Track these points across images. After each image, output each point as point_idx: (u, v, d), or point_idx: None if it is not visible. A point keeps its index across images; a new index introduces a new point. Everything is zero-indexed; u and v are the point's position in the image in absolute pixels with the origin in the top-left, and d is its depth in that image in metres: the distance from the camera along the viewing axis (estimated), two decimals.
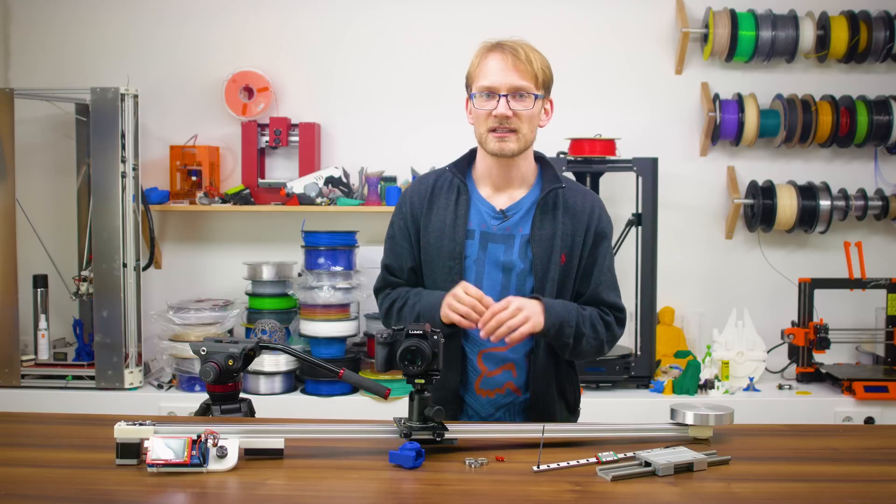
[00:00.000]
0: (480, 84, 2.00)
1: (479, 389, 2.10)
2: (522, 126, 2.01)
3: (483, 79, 2.00)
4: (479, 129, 2.05)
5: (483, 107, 2.01)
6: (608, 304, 2.13)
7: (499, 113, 1.99)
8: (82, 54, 3.93)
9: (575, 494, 1.56)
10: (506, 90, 1.98)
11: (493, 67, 2.00)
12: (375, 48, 3.93)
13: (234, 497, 1.57)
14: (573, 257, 2.08)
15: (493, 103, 1.99)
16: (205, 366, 2.00)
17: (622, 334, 2.17)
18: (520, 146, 2.03)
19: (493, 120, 2.00)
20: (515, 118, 2.00)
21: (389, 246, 2.19)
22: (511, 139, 2.01)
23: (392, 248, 2.18)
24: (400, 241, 2.16)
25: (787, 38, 3.74)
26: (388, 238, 2.20)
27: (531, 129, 2.04)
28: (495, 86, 1.99)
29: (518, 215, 2.08)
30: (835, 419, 3.37)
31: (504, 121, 1.99)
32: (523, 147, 2.04)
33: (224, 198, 3.77)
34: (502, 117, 1.99)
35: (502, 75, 1.98)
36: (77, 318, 3.71)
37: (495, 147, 2.02)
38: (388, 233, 2.20)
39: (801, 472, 1.72)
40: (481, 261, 2.06)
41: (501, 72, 1.98)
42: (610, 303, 2.13)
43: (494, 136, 2.01)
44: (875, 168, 3.91)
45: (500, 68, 1.99)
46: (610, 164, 3.54)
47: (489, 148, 2.03)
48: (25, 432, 2.07)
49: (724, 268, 3.94)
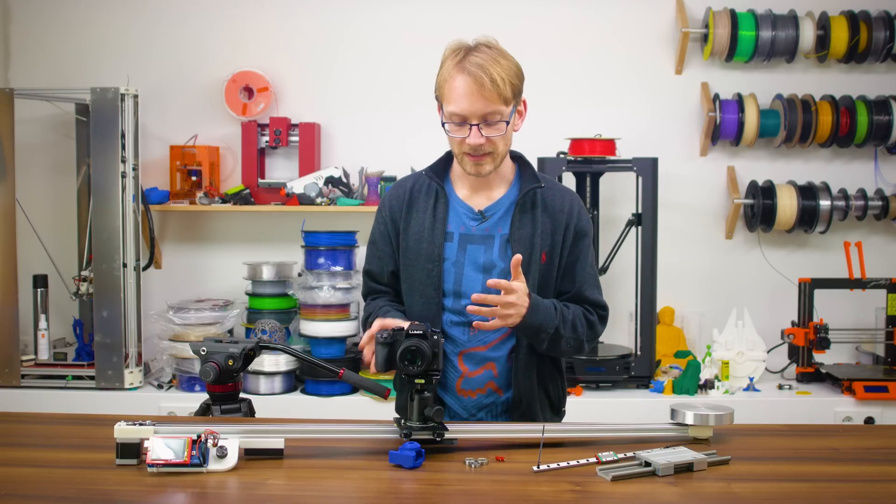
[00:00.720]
0: (450, 110, 1.96)
1: (461, 390, 2.09)
2: (497, 147, 2.00)
3: (452, 104, 1.96)
4: (454, 149, 2.05)
5: (455, 134, 1.99)
6: (592, 303, 2.12)
7: (472, 143, 1.97)
8: (82, 54, 3.93)
9: (575, 494, 1.56)
10: (476, 119, 1.95)
11: (460, 92, 1.93)
12: (375, 48, 3.93)
13: (234, 497, 1.57)
14: (554, 256, 2.08)
15: (465, 131, 1.97)
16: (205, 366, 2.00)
17: (603, 331, 2.18)
18: (496, 164, 2.03)
19: (468, 147, 1.99)
20: (489, 143, 1.98)
21: (371, 251, 2.20)
22: (486, 161, 2.01)
23: (373, 253, 2.19)
24: (381, 246, 2.17)
25: (787, 38, 3.74)
26: (369, 243, 2.21)
27: (506, 145, 2.04)
28: (465, 114, 1.95)
29: (497, 215, 2.09)
30: (835, 419, 3.37)
31: (477, 149, 1.99)
32: (500, 163, 2.04)
33: (224, 198, 3.77)
34: (476, 146, 1.98)
35: (470, 103, 1.93)
36: (77, 318, 3.71)
37: (472, 170, 2.03)
38: (369, 238, 2.22)
39: (801, 472, 1.72)
40: (460, 262, 2.06)
41: (469, 98, 1.93)
42: (593, 301, 2.12)
43: (470, 160, 2.01)
44: (875, 168, 3.91)
45: (467, 94, 1.92)
46: (610, 164, 3.54)
47: (466, 170, 2.04)
48: (25, 432, 2.07)
49: (724, 268, 3.94)
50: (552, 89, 3.82)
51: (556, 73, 3.87)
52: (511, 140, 2.05)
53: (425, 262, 2.07)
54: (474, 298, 1.91)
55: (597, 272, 2.17)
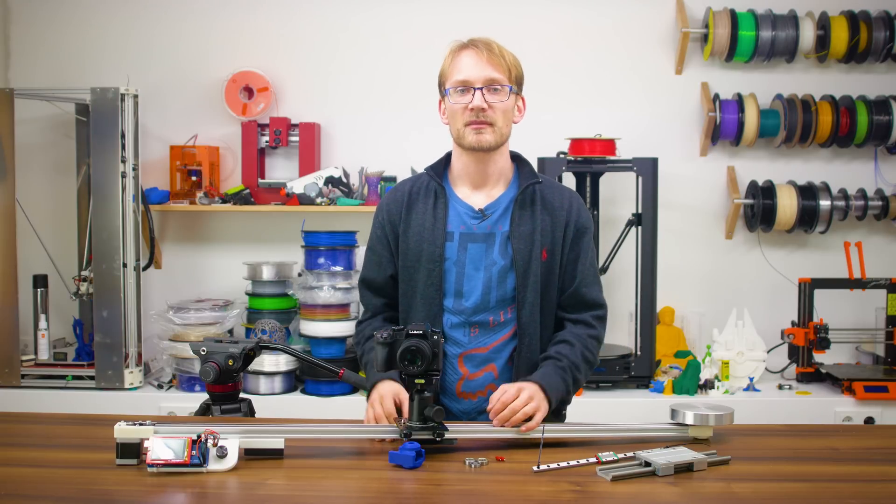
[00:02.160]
0: (455, 79, 2.02)
1: (462, 393, 2.09)
2: (498, 119, 2.03)
3: (457, 74, 2.02)
4: (455, 125, 2.06)
5: (458, 101, 2.02)
6: (590, 301, 2.12)
7: (475, 105, 2.00)
8: (82, 54, 3.93)
9: (575, 494, 1.56)
10: (480, 83, 2.00)
11: (466, 62, 2.02)
12: (375, 48, 3.93)
13: (234, 497, 1.58)
14: (554, 253, 2.08)
15: (469, 97, 2.01)
16: (205, 366, 2.01)
17: (605, 331, 2.18)
18: (496, 139, 2.04)
19: (470, 113, 2.01)
20: (491, 110, 2.01)
21: (369, 257, 2.20)
22: (487, 131, 2.03)
23: (371, 259, 2.19)
24: (379, 251, 2.16)
25: (787, 38, 3.74)
26: (367, 250, 2.21)
27: (506, 122, 2.06)
28: (470, 79, 2.00)
29: (497, 213, 2.09)
30: (835, 419, 3.37)
31: (480, 113, 2.01)
32: (500, 140, 2.05)
33: (224, 198, 3.77)
34: (478, 109, 2.00)
35: (476, 69, 2.01)
36: (77, 318, 3.71)
37: (473, 140, 2.03)
38: (367, 245, 2.22)
39: (801, 472, 1.72)
40: (461, 262, 2.06)
41: (475, 66, 2.01)
42: (592, 299, 2.13)
43: (471, 129, 2.03)
44: (875, 168, 3.91)
45: (474, 63, 2.01)
46: (610, 164, 3.54)
47: (466, 141, 2.04)
48: (25, 432, 2.07)
49: (724, 268, 3.94)
50: (552, 89, 3.82)
51: (556, 73, 3.87)
52: (510, 124, 2.08)
53: (426, 263, 2.07)
54: (497, 420, 1.87)
55: (597, 269, 2.18)
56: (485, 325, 2.06)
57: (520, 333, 2.06)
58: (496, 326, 2.07)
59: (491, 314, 2.06)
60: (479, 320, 2.06)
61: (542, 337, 2.09)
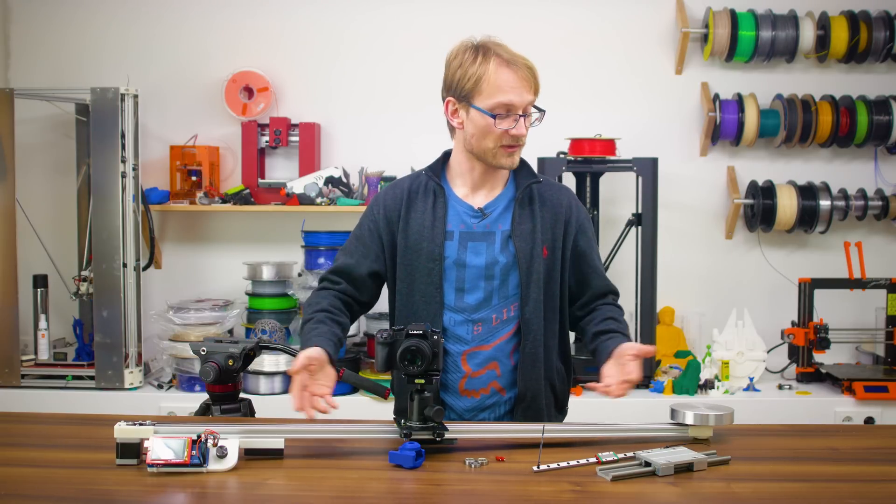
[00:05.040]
0: (498, 100, 1.96)
1: (464, 390, 2.09)
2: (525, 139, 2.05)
3: (500, 95, 1.96)
4: (485, 143, 2.02)
5: (500, 125, 1.98)
6: (605, 292, 2.18)
7: (518, 133, 2.00)
8: (82, 54, 3.93)
9: (575, 494, 1.56)
10: (523, 110, 1.99)
11: (510, 83, 1.96)
12: (375, 48, 3.93)
13: (234, 497, 1.58)
14: (555, 250, 2.10)
15: (510, 122, 1.98)
16: (205, 366, 2.01)
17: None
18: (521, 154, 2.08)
19: (509, 138, 2.00)
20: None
21: (355, 247, 2.14)
22: (517, 153, 2.06)
23: (356, 247, 2.13)
24: (367, 243, 2.12)
25: (787, 38, 3.74)
26: (353, 237, 2.15)
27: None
28: (515, 104, 1.97)
29: (497, 212, 2.10)
30: (835, 419, 3.37)
31: (520, 139, 2.02)
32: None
33: (224, 198, 3.77)
34: (520, 136, 2.00)
35: (521, 94, 1.97)
36: (77, 318, 3.71)
37: (507, 162, 2.04)
38: (354, 232, 2.16)
39: (801, 472, 1.72)
40: (461, 261, 2.07)
41: (519, 90, 1.97)
42: (606, 289, 2.19)
43: (506, 152, 2.02)
44: (875, 168, 3.91)
45: (517, 85, 1.97)
46: (610, 164, 3.54)
47: (500, 163, 2.04)
48: (25, 432, 2.07)
49: (724, 268, 3.94)
50: (552, 89, 3.74)
51: (556, 73, 3.85)
52: None
53: (426, 262, 2.07)
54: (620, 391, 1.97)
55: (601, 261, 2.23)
56: (487, 322, 2.07)
57: (523, 331, 2.06)
58: (499, 324, 2.07)
59: (493, 311, 2.07)
60: (481, 318, 2.06)
61: (546, 334, 2.09)
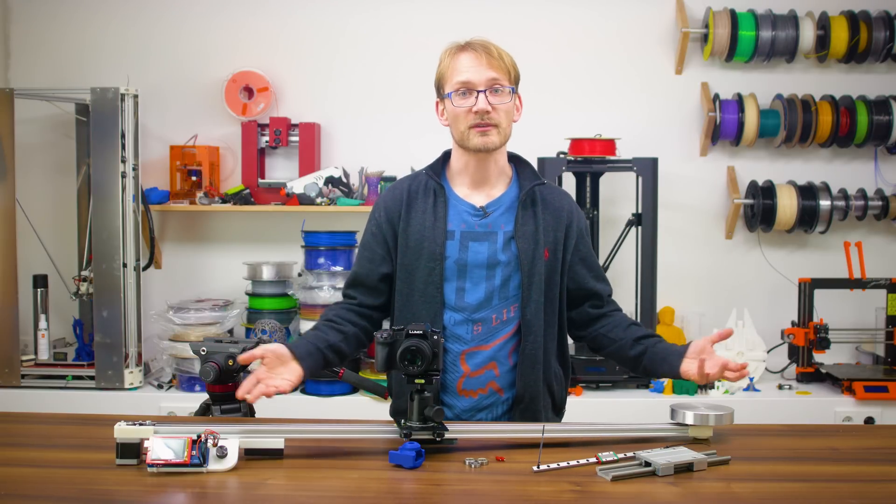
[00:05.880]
0: (456, 81, 2.02)
1: (462, 390, 2.09)
2: (501, 120, 2.04)
3: (458, 76, 2.02)
4: (458, 128, 2.06)
5: (462, 104, 2.02)
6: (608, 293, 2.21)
7: (479, 108, 2.01)
8: (82, 54, 3.93)
9: (575, 494, 1.56)
10: (483, 85, 2.01)
11: (466, 64, 2.02)
12: (375, 48, 3.93)
13: (234, 497, 1.58)
14: (556, 252, 2.11)
15: (471, 100, 2.02)
16: (205, 366, 2.01)
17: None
18: (500, 140, 2.06)
19: (474, 116, 2.02)
20: (494, 112, 2.03)
21: (362, 254, 2.19)
22: (492, 133, 2.04)
23: (364, 255, 2.18)
24: (374, 248, 2.16)
25: (787, 38, 3.74)
26: (361, 247, 2.21)
27: (508, 122, 2.08)
28: (472, 81, 2.01)
29: (498, 212, 2.10)
30: (835, 419, 3.37)
31: (485, 116, 2.02)
32: (503, 140, 2.08)
33: (224, 198, 3.77)
34: (483, 112, 2.01)
35: (477, 71, 2.01)
36: (77, 318, 3.71)
37: (479, 142, 2.04)
38: (361, 241, 2.22)
39: (801, 472, 1.72)
40: (462, 260, 2.07)
41: (476, 68, 2.01)
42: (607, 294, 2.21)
43: (476, 132, 2.03)
44: (875, 168, 3.91)
45: (474, 64, 2.02)
46: (610, 164, 3.54)
47: (472, 144, 2.05)
48: (25, 432, 2.07)
49: (724, 268, 3.94)
50: (552, 89, 3.82)
51: (555, 73, 3.87)
52: (511, 123, 2.09)
53: (427, 261, 2.07)
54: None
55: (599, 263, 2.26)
56: (487, 322, 2.07)
57: (524, 331, 2.06)
58: (499, 324, 2.07)
59: (493, 311, 2.07)
60: (481, 318, 2.06)
61: (546, 335, 2.09)
